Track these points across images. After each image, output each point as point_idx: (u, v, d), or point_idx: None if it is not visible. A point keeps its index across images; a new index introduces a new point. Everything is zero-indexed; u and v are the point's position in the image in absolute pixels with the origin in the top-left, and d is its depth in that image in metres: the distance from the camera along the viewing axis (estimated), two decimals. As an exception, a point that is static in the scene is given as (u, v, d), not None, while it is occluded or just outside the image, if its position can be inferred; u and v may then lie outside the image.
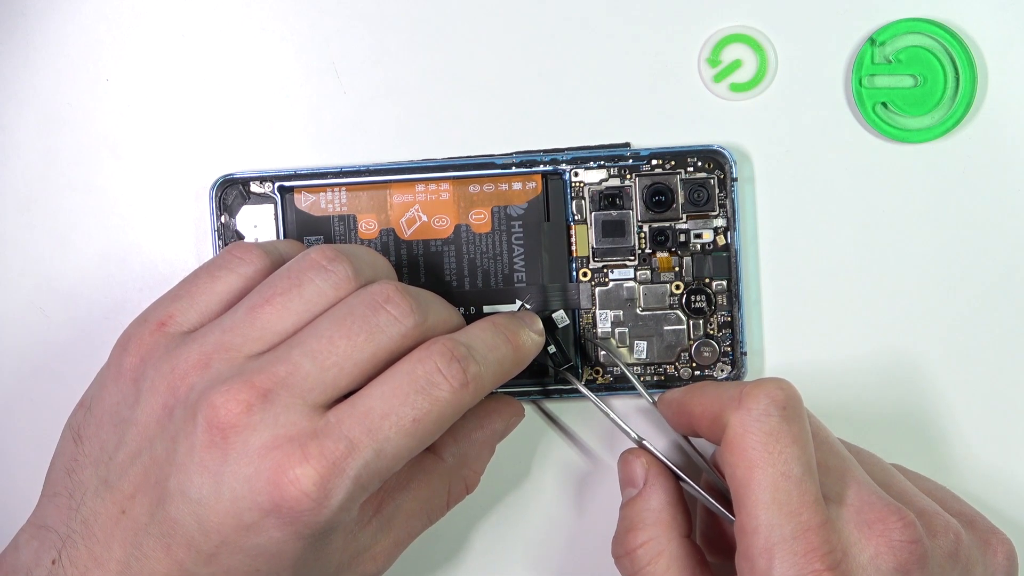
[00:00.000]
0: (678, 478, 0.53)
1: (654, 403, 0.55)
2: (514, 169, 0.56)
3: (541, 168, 0.56)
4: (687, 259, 0.56)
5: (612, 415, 0.54)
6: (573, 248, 0.56)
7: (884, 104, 0.56)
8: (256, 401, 0.47)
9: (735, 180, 0.55)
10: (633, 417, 0.57)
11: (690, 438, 0.54)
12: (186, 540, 0.47)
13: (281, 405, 0.47)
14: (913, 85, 0.56)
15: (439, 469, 0.53)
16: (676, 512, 0.52)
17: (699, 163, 0.55)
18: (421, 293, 0.50)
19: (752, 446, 0.48)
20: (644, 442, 0.53)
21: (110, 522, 0.48)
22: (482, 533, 0.58)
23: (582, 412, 0.57)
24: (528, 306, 0.56)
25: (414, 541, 0.53)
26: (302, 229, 0.57)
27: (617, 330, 0.56)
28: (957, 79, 0.56)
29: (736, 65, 0.57)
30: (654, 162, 0.56)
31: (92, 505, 0.49)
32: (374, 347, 0.48)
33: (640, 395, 0.56)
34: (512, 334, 0.51)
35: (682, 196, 0.56)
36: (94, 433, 0.50)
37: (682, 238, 0.56)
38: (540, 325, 0.53)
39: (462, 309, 0.56)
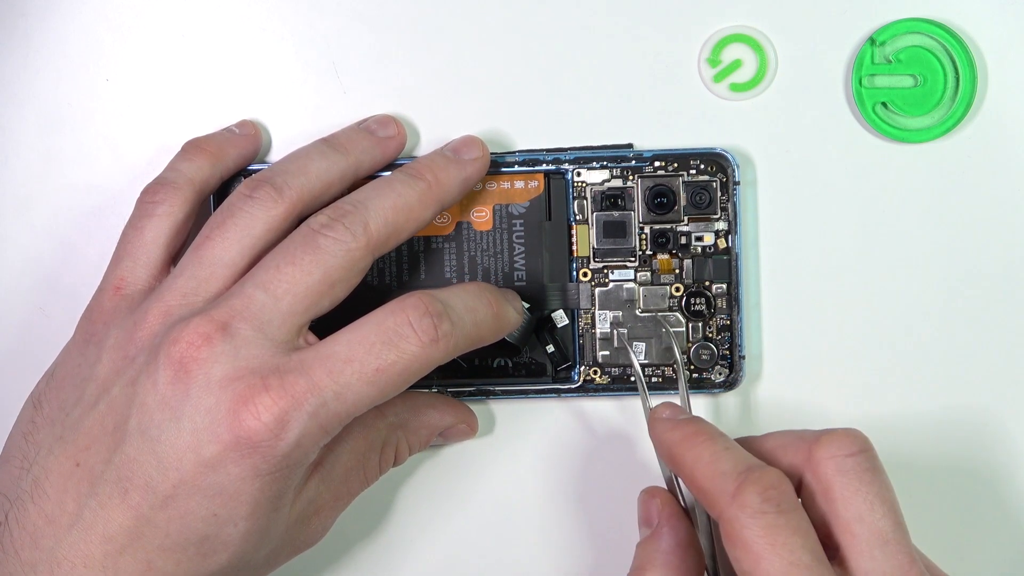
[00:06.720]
0: (692, 520, 0.51)
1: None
2: (516, 168, 0.56)
3: (544, 167, 0.56)
4: (687, 261, 0.56)
5: (648, 404, 0.53)
6: (574, 248, 0.56)
7: (884, 104, 0.56)
8: (215, 333, 0.48)
9: (737, 183, 0.55)
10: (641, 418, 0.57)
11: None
12: (143, 481, 0.48)
13: (241, 338, 0.48)
14: (913, 85, 0.56)
15: (378, 425, 0.54)
16: (686, 555, 0.51)
17: (702, 166, 0.55)
18: (357, 204, 0.51)
19: (753, 540, 0.46)
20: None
21: (62, 477, 0.48)
22: (484, 551, 0.58)
23: (584, 409, 0.57)
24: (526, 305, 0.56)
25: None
26: (303, 229, 0.57)
27: (616, 331, 0.56)
28: (957, 79, 0.56)
29: (736, 65, 0.56)
30: (656, 164, 0.56)
31: (44, 463, 0.49)
32: (322, 269, 0.49)
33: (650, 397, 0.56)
34: (495, 301, 0.52)
35: (684, 198, 0.56)
36: (54, 396, 0.51)
37: (683, 240, 0.56)
38: (521, 304, 0.54)
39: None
